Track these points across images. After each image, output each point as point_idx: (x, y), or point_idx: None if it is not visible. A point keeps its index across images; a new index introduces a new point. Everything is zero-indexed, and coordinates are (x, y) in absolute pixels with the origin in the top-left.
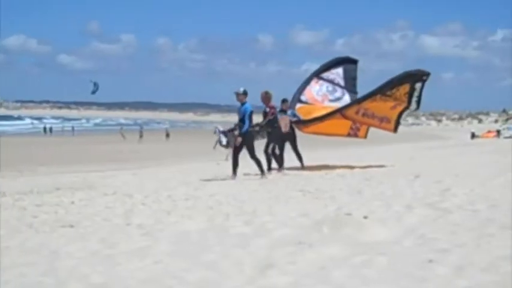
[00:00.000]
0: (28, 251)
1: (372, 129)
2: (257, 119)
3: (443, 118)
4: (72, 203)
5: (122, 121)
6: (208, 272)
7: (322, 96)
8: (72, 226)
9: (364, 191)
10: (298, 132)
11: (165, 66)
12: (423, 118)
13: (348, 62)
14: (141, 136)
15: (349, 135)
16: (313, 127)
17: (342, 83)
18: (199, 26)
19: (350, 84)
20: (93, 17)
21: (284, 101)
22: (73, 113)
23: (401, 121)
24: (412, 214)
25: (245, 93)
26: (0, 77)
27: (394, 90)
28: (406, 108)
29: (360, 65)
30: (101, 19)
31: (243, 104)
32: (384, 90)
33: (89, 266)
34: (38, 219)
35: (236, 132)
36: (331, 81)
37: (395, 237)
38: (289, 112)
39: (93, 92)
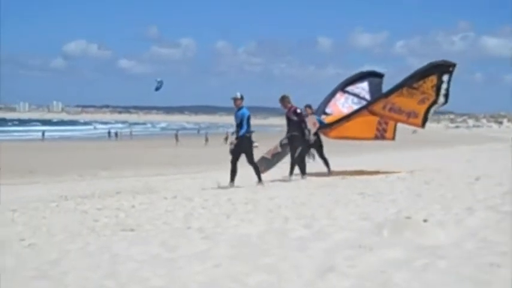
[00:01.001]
0: (89, 254)
1: (428, 133)
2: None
3: (505, 120)
4: (133, 206)
5: (186, 125)
6: (267, 275)
7: (348, 108)
8: (132, 230)
9: (424, 193)
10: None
11: (223, 69)
12: (484, 120)
13: (373, 76)
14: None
15: (376, 137)
16: (339, 129)
17: (367, 96)
18: (259, 29)
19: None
20: (152, 22)
21: (308, 106)
22: (133, 117)
23: (430, 116)
24: (473, 217)
25: (242, 98)
26: (61, 82)
27: (420, 82)
28: (434, 102)
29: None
30: (160, 24)
31: (240, 108)
32: (409, 82)
33: (149, 269)
34: (99, 223)
35: (234, 137)
36: (356, 95)
37: (456, 241)
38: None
39: (157, 89)
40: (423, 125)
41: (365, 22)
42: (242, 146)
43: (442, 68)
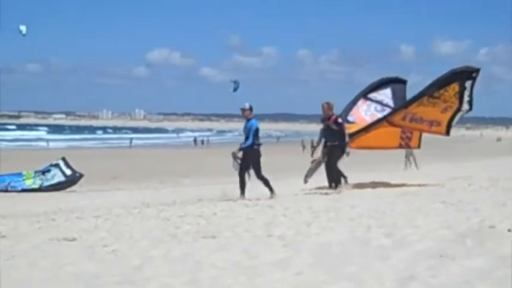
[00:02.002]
0: (171, 261)
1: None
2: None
3: None
4: (214, 214)
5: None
6: (349, 284)
7: (370, 115)
8: (214, 237)
9: (509, 203)
10: None
11: (304, 78)
12: None
13: (396, 82)
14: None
15: (400, 146)
16: (359, 140)
17: (390, 103)
18: (341, 38)
19: (399, 105)
20: (235, 31)
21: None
22: (215, 124)
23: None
24: None
25: (251, 109)
26: (143, 90)
27: (442, 91)
28: (458, 110)
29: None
30: (243, 32)
31: (249, 119)
32: (430, 91)
33: (231, 276)
34: (181, 230)
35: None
36: (379, 102)
37: None
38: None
39: (235, 90)
40: (447, 133)
41: (448, 30)
42: (248, 159)
43: (464, 74)
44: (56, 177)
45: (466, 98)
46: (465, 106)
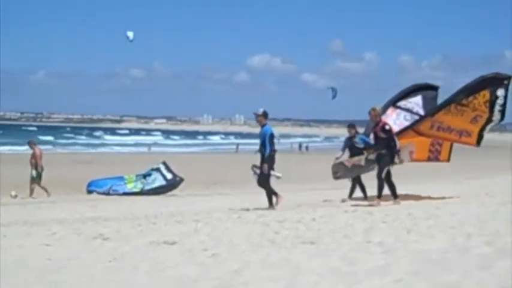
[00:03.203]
0: (270, 265)
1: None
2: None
3: None
4: (313, 219)
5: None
6: None
7: (399, 125)
8: (313, 242)
9: None
10: None
11: (405, 83)
12: None
13: (427, 89)
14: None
15: (429, 159)
16: None
17: (421, 112)
18: (444, 43)
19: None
20: (337, 36)
21: (351, 126)
22: (314, 130)
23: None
24: None
25: (265, 114)
26: (244, 95)
27: (471, 99)
28: (489, 120)
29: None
30: (344, 38)
31: (263, 126)
32: (458, 99)
33: (329, 282)
34: (280, 235)
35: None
36: (409, 111)
37: None
38: (357, 139)
39: (334, 97)
40: (478, 143)
41: None
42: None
43: (495, 81)
44: (157, 181)
45: (498, 108)
46: (497, 116)
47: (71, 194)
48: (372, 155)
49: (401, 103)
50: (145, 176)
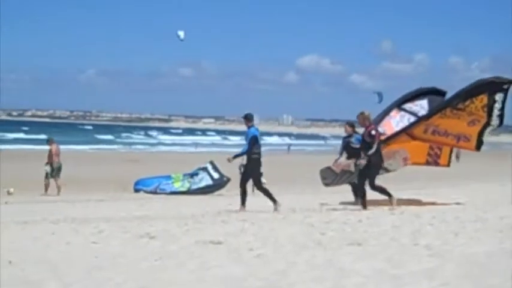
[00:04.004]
0: (316, 267)
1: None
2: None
3: None
4: (360, 221)
5: None
6: None
7: (401, 127)
8: (359, 244)
9: None
10: None
11: (454, 84)
12: None
13: (434, 93)
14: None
15: (427, 163)
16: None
17: None
18: (494, 45)
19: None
20: (386, 37)
21: (349, 124)
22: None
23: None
24: None
25: (247, 117)
26: (292, 95)
27: (467, 103)
28: (487, 124)
29: None
30: (393, 39)
31: (248, 128)
32: (454, 102)
33: (375, 284)
34: (326, 236)
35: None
36: (414, 114)
37: None
38: (353, 138)
39: (380, 101)
40: (478, 148)
41: None
42: (247, 168)
43: (494, 85)
44: (204, 180)
45: (496, 112)
46: (495, 121)
47: (119, 192)
48: (360, 161)
49: (407, 105)
50: (192, 175)
